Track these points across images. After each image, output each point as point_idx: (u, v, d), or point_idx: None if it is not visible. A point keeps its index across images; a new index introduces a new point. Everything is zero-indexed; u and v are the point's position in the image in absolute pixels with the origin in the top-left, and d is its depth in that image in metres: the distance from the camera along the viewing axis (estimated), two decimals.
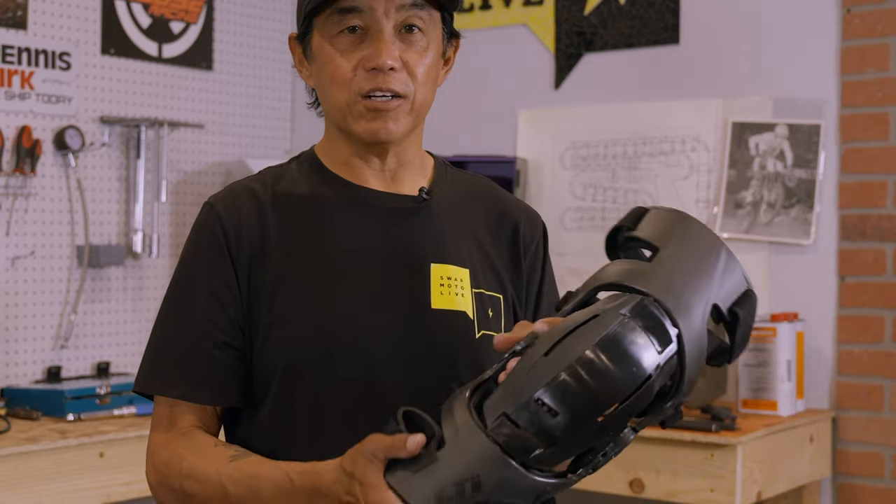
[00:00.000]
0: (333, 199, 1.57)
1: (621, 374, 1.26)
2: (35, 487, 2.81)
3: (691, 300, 1.31)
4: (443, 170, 1.66)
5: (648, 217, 1.38)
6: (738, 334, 1.35)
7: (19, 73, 3.41)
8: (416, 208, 1.58)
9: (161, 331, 1.57)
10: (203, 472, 1.47)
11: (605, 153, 3.72)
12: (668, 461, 2.92)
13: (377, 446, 1.30)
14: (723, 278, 1.35)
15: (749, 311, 1.36)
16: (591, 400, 1.25)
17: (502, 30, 3.93)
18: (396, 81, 1.51)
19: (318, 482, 1.37)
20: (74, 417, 3.12)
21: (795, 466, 3.13)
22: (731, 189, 3.48)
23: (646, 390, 1.27)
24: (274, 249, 1.54)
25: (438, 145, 4.03)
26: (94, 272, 3.61)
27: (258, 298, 1.52)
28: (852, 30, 3.31)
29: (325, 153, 1.62)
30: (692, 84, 3.57)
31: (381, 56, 1.50)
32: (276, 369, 1.50)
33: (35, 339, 3.47)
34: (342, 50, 1.52)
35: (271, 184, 1.60)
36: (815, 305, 3.33)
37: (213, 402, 1.53)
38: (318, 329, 1.41)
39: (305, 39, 1.58)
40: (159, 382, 1.55)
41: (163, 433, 1.55)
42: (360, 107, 1.52)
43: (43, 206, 3.48)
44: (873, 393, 3.25)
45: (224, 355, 1.52)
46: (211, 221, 1.56)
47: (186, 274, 1.57)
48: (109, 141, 3.65)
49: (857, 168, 3.31)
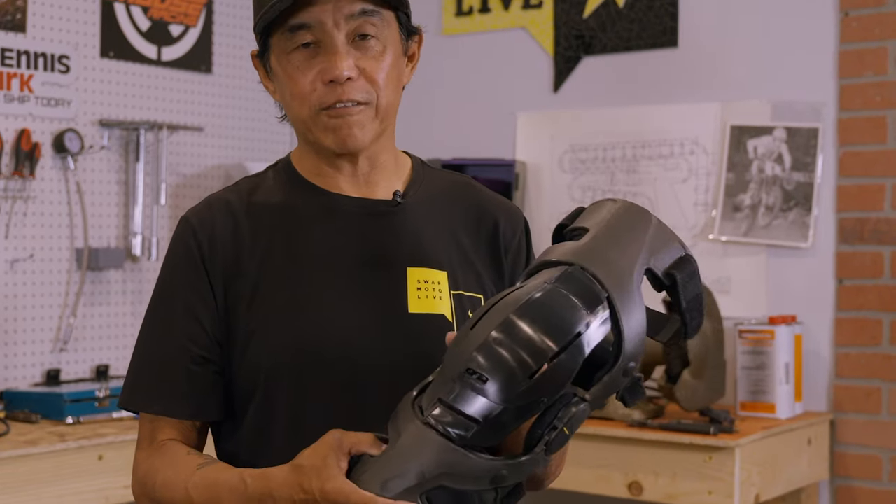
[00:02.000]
0: (307, 207, 1.58)
1: (545, 331, 1.26)
2: (34, 491, 2.81)
3: (621, 265, 1.32)
4: (420, 170, 1.66)
5: (586, 210, 1.41)
6: (683, 299, 1.35)
7: (18, 76, 3.42)
8: (390, 212, 1.58)
9: (141, 347, 1.59)
10: (173, 481, 1.50)
11: (604, 156, 3.73)
12: (667, 464, 2.92)
13: (343, 437, 1.33)
14: (653, 246, 1.36)
15: (688, 275, 1.36)
16: (517, 360, 1.26)
17: (501, 33, 3.93)
18: (355, 90, 1.51)
19: (269, 485, 1.39)
20: (73, 420, 3.12)
21: (794, 469, 3.13)
22: (730, 192, 3.48)
23: (575, 348, 1.27)
24: (249, 260, 1.55)
25: (437, 148, 4.05)
26: (93, 275, 3.61)
27: (236, 310, 1.54)
28: (850, 33, 3.32)
29: (299, 161, 1.62)
30: (691, 87, 3.57)
31: (337, 68, 1.49)
32: (256, 379, 1.51)
33: (34, 342, 3.47)
34: (298, 66, 1.52)
35: (247, 194, 1.61)
36: (813, 308, 3.34)
37: (193, 417, 1.55)
38: (296, 337, 1.42)
39: (265, 57, 1.58)
40: (140, 399, 1.57)
41: (143, 449, 1.58)
42: (324, 118, 1.52)
43: (42, 210, 3.48)
44: (871, 395, 3.26)
45: (202, 370, 1.54)
46: (186, 235, 1.58)
47: (164, 289, 1.59)
48: (109, 144, 3.65)
49: (855, 171, 3.31)
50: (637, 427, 2.98)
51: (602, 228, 1.36)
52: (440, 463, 1.28)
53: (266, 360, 1.51)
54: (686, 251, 1.38)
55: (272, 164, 1.67)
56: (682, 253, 1.37)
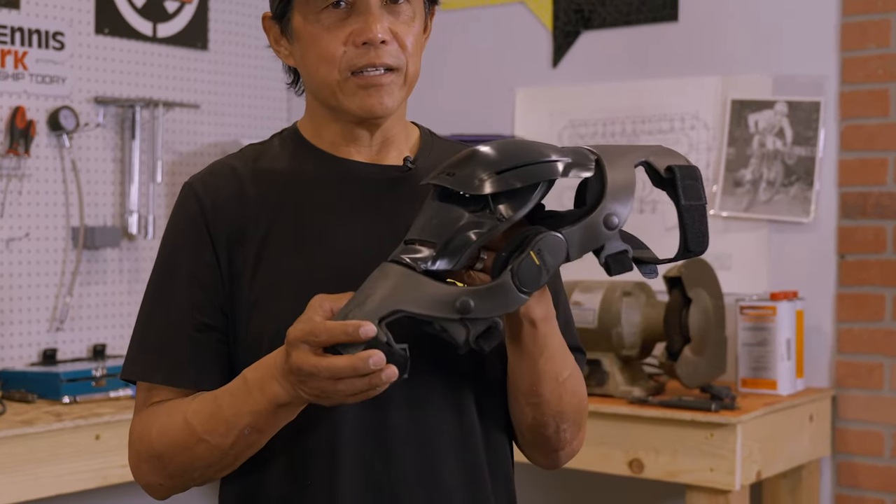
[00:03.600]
0: (316, 173, 1.55)
1: (517, 151, 1.33)
2: (31, 470, 2.80)
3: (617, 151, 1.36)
4: (428, 139, 1.63)
5: None
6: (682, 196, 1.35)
7: (12, 54, 3.39)
8: (401, 178, 1.55)
9: (144, 316, 1.55)
10: (169, 423, 1.47)
11: (604, 132, 3.70)
12: (668, 441, 2.91)
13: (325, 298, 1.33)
14: (656, 151, 1.39)
15: (689, 177, 1.36)
16: (491, 152, 1.33)
17: (499, 7, 3.90)
18: (388, 55, 1.48)
19: (267, 365, 1.38)
20: (70, 400, 3.10)
21: (795, 445, 3.12)
22: (731, 167, 3.45)
23: (542, 167, 1.30)
24: (254, 226, 1.51)
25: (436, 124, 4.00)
26: (89, 254, 3.59)
27: (240, 277, 1.50)
28: (853, 5, 3.28)
29: (307, 129, 1.59)
30: (691, 61, 3.54)
31: (372, 30, 1.46)
32: (260, 347, 1.47)
33: (30, 322, 3.46)
34: (328, 26, 1.48)
35: (252, 160, 1.57)
36: (814, 284, 3.32)
37: (196, 386, 1.51)
38: (302, 304, 1.40)
39: (284, 18, 1.53)
40: (141, 368, 1.53)
41: (139, 414, 1.54)
42: (352, 83, 1.48)
43: (37, 188, 3.46)
44: (873, 371, 3.24)
45: (206, 338, 1.51)
46: (189, 201, 1.54)
47: (167, 256, 1.55)
48: (104, 122, 3.62)
49: (858, 145, 3.28)
50: (637, 404, 2.96)
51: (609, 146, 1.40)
52: (398, 287, 1.28)
53: (270, 330, 1.47)
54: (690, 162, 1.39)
55: (277, 133, 1.63)
56: (689, 163, 1.38)
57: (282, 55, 1.57)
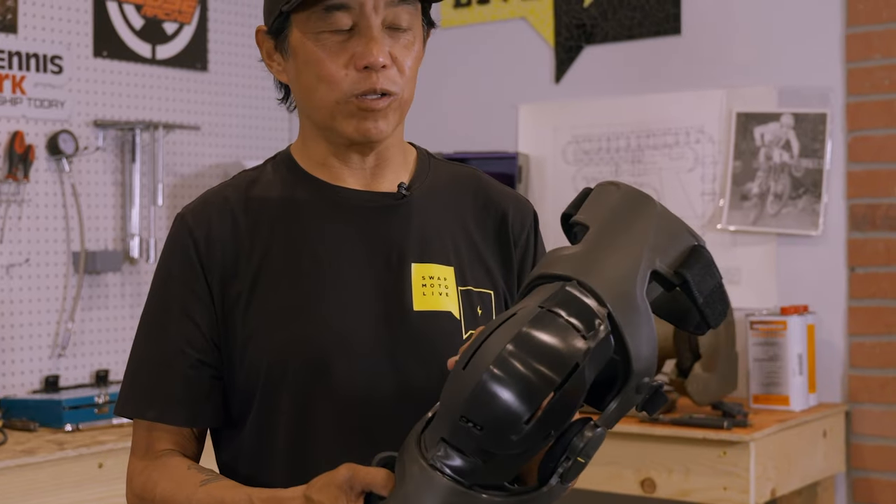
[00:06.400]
0: (309, 201, 1.52)
1: (541, 368, 1.17)
2: (33, 501, 2.76)
3: (622, 272, 1.23)
4: (426, 162, 1.60)
5: (590, 197, 1.32)
6: (698, 296, 1.26)
7: (10, 78, 3.36)
8: (395, 205, 1.52)
9: (137, 350, 1.53)
10: (174, 498, 1.44)
11: (608, 147, 3.67)
12: (680, 460, 2.87)
13: (355, 476, 1.26)
14: (657, 242, 1.26)
15: (700, 270, 1.26)
16: (516, 400, 1.17)
17: (501, 24, 3.88)
18: (387, 79, 1.45)
19: (279, 498, 1.34)
20: (73, 428, 3.07)
21: (809, 462, 3.08)
22: (737, 181, 3.42)
23: (576, 379, 1.18)
24: (247, 258, 1.49)
25: (439, 141, 4.00)
26: (90, 278, 3.56)
27: (233, 310, 1.48)
28: (857, 16, 3.25)
29: (300, 153, 1.56)
30: (695, 75, 3.51)
31: (374, 54, 1.44)
32: (256, 381, 1.45)
33: (32, 348, 3.42)
34: (329, 47, 1.45)
35: (245, 189, 1.54)
36: (825, 297, 3.28)
37: (189, 423, 1.49)
38: (297, 338, 1.37)
39: (281, 35, 1.50)
40: (135, 405, 1.52)
41: (140, 458, 1.52)
42: (352, 106, 1.46)
43: (37, 213, 3.43)
44: (887, 385, 3.20)
45: (199, 375, 1.48)
46: (181, 234, 1.52)
47: (159, 290, 1.53)
48: (104, 145, 3.59)
49: (865, 157, 3.25)
50: (648, 422, 2.92)
51: (602, 225, 1.28)
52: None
53: (266, 363, 1.45)
54: (696, 240, 1.29)
55: (270, 157, 1.61)
56: (691, 243, 1.28)
57: (274, 70, 1.55)
